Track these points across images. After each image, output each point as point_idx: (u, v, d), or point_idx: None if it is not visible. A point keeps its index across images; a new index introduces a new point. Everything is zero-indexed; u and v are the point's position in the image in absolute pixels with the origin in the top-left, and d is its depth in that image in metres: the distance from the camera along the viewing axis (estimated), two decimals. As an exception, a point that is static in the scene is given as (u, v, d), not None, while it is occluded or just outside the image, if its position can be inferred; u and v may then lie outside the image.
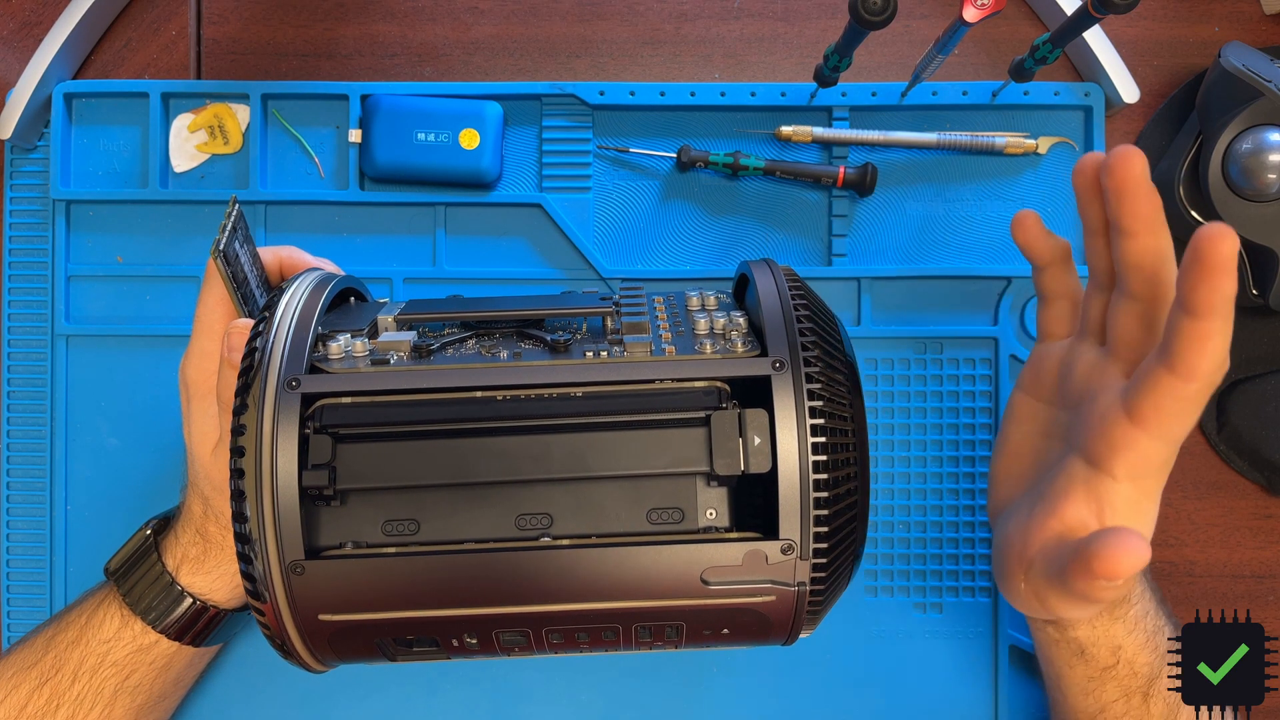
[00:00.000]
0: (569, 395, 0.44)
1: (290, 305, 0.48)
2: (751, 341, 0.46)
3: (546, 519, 0.44)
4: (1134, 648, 0.53)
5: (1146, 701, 0.54)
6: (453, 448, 0.44)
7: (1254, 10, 0.68)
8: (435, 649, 0.46)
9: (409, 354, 0.47)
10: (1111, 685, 0.54)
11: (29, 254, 0.68)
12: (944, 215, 0.67)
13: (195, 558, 0.56)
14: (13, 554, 0.67)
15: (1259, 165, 0.60)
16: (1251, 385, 0.66)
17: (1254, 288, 0.63)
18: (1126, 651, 0.53)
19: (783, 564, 0.43)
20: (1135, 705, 0.54)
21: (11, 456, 0.67)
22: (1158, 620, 0.54)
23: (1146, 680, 0.54)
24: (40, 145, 0.68)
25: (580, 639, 0.46)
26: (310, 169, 0.68)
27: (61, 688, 0.56)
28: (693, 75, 0.68)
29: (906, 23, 0.68)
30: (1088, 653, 0.54)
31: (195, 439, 0.54)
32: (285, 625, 0.45)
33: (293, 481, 0.43)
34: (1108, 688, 0.54)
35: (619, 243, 0.68)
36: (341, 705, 0.66)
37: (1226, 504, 0.68)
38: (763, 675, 0.66)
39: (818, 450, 0.43)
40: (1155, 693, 0.54)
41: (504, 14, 0.68)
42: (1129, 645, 0.53)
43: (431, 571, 0.43)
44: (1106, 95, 0.66)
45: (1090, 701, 0.55)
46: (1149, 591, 0.54)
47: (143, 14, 0.69)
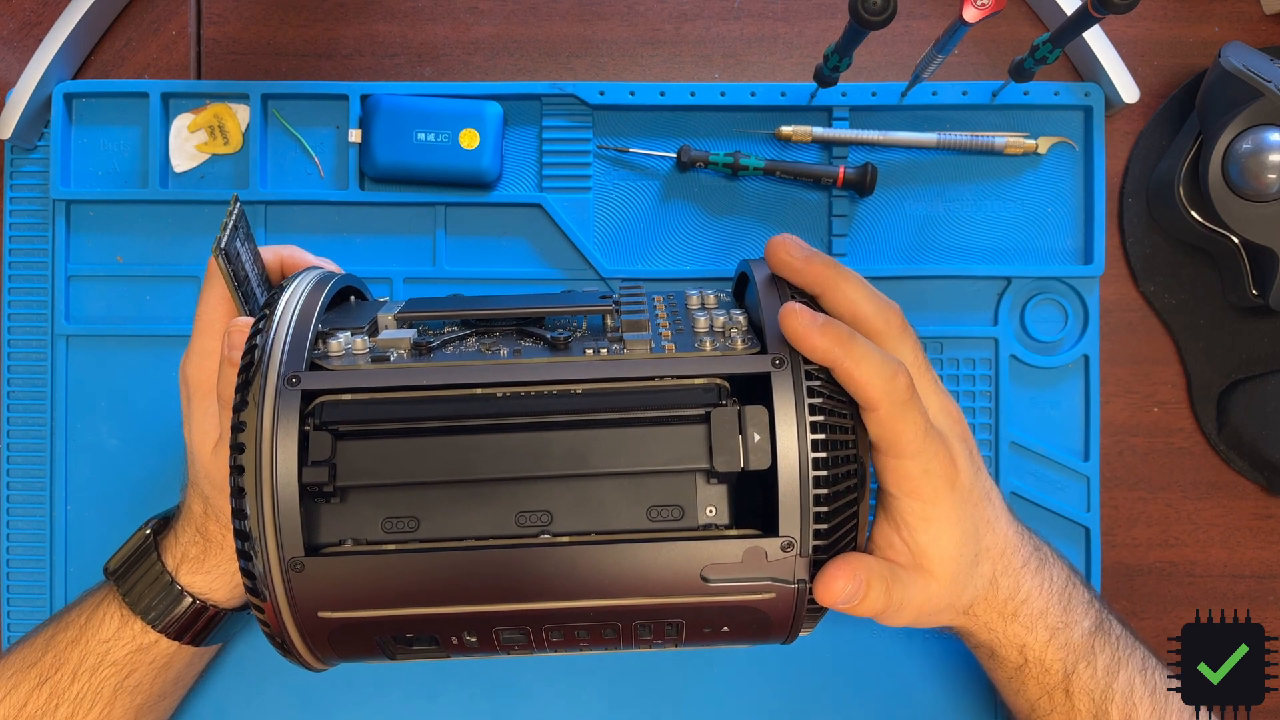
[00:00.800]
0: (569, 392, 0.44)
1: (290, 303, 0.48)
2: (751, 339, 0.46)
3: (546, 516, 0.44)
4: (1038, 645, 0.53)
5: (1070, 698, 0.54)
6: (453, 445, 0.44)
7: (1254, 10, 0.68)
8: (435, 647, 0.46)
9: (409, 351, 0.47)
10: (1031, 684, 0.55)
11: (29, 254, 0.68)
12: (944, 215, 0.67)
13: (195, 557, 0.56)
14: (13, 554, 0.67)
15: (1259, 165, 0.60)
16: (1251, 385, 0.66)
17: (1254, 288, 0.63)
18: (1032, 650, 0.53)
19: (782, 561, 0.43)
20: (1060, 702, 0.54)
21: (11, 456, 0.67)
22: (1064, 616, 0.54)
23: (1063, 676, 0.54)
24: (40, 145, 0.68)
25: (580, 637, 0.46)
26: (310, 169, 0.68)
27: (61, 687, 0.56)
28: (693, 75, 0.68)
29: (906, 23, 0.68)
30: (997, 654, 0.54)
31: (195, 438, 0.54)
32: (285, 623, 0.45)
33: (292, 478, 0.42)
34: (1028, 686, 0.55)
35: (619, 243, 0.68)
36: (341, 705, 0.66)
37: (1226, 504, 0.68)
38: (763, 675, 0.66)
39: (817, 447, 0.43)
40: (1077, 689, 0.54)
41: (504, 14, 0.68)
42: (1032, 643, 0.53)
43: (431, 569, 0.43)
44: (1106, 95, 0.66)
45: (1021, 701, 0.56)
46: (1048, 586, 0.54)
47: (143, 14, 0.69)
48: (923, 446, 0.47)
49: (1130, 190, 0.67)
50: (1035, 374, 0.67)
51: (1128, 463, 0.67)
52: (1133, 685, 0.54)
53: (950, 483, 0.49)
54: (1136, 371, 0.68)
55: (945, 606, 0.51)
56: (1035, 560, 0.53)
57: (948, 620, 0.53)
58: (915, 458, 0.47)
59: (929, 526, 0.49)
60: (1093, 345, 0.66)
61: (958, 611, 0.52)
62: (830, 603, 0.45)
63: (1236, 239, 0.62)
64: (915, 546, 0.49)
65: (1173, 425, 0.68)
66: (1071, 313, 0.67)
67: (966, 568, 0.50)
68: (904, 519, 0.49)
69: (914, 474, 0.47)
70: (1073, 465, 0.66)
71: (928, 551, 0.49)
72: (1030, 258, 0.67)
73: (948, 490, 0.49)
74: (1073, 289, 0.67)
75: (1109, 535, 0.67)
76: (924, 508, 0.48)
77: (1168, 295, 0.67)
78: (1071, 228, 0.67)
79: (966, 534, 0.50)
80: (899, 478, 0.48)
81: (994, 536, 0.52)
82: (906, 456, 0.47)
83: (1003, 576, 0.52)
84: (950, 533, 0.49)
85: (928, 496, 0.48)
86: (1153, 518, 0.67)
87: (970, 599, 0.52)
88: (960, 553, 0.50)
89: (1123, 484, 0.67)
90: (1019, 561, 0.53)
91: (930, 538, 0.49)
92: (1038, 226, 0.67)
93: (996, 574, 0.52)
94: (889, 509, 0.49)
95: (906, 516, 0.49)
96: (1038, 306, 0.67)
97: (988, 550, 0.51)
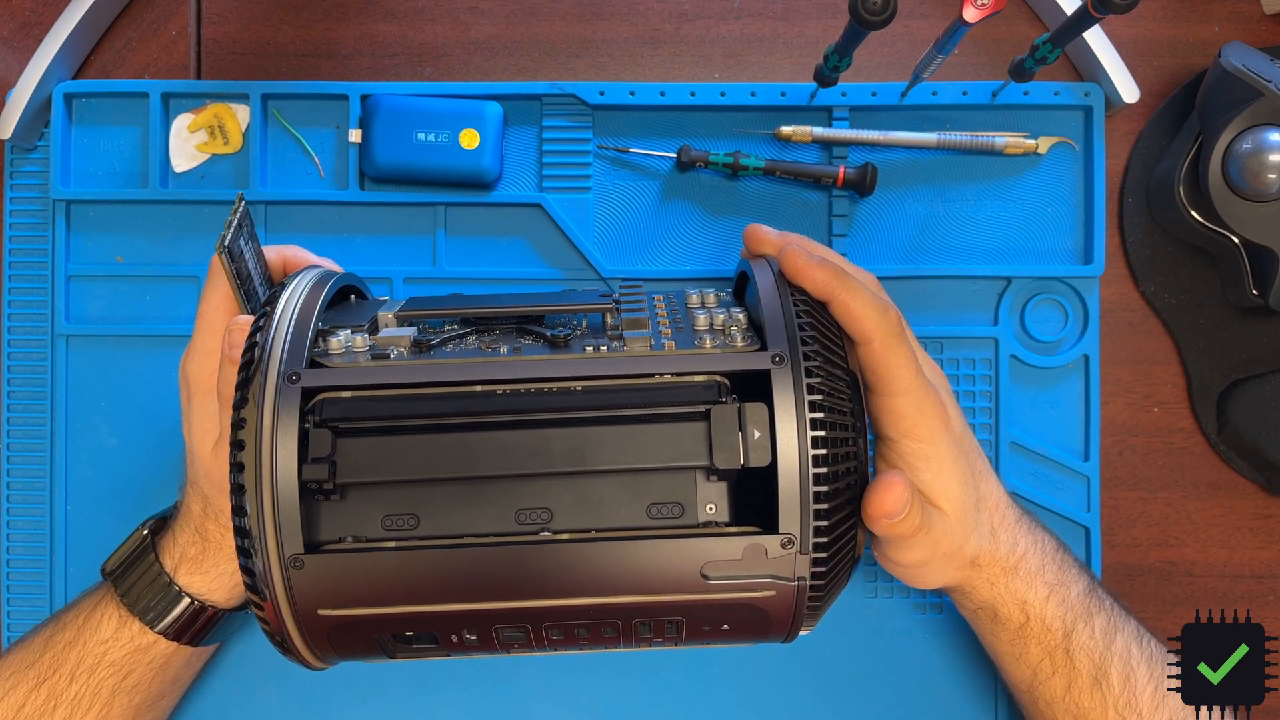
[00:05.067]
0: (568, 390, 0.44)
1: (290, 301, 0.48)
2: (751, 336, 0.46)
3: (546, 513, 0.44)
4: (1038, 601, 0.55)
5: (1070, 658, 0.55)
6: (452, 442, 0.44)
7: (1254, 10, 0.68)
8: (434, 646, 0.46)
9: (409, 349, 0.47)
10: (1034, 645, 0.56)
11: (29, 254, 0.68)
12: (944, 215, 0.67)
13: (194, 557, 0.56)
14: (13, 554, 0.67)
15: (1259, 165, 0.60)
16: (1251, 385, 0.66)
17: (1254, 288, 0.63)
18: (1033, 606, 0.55)
19: (783, 558, 0.43)
20: (1061, 662, 0.55)
21: (11, 456, 0.67)
22: (1060, 575, 0.55)
23: (1063, 635, 0.55)
24: (40, 145, 0.68)
25: (580, 635, 0.46)
26: (310, 169, 0.68)
27: (59, 688, 0.56)
28: (693, 75, 0.68)
29: (906, 23, 0.68)
30: (1000, 615, 0.56)
31: (195, 436, 0.54)
32: (284, 621, 0.44)
33: (292, 475, 0.42)
34: (1030, 648, 0.56)
35: (619, 243, 0.68)
36: (341, 705, 0.66)
37: (1226, 504, 0.68)
38: (763, 674, 0.66)
39: (817, 444, 0.43)
40: (1077, 649, 0.55)
41: (504, 14, 0.68)
42: (1033, 599, 0.55)
43: (431, 566, 0.43)
44: (1106, 95, 0.66)
45: (1023, 668, 0.57)
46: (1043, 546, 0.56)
47: (143, 14, 0.69)
48: (916, 383, 0.49)
49: (1130, 190, 0.67)
50: (1035, 374, 0.67)
51: (1128, 463, 0.67)
52: (1130, 650, 0.55)
53: (944, 423, 0.51)
54: (1136, 371, 0.68)
55: (956, 549, 0.52)
56: (1027, 520, 0.56)
57: (954, 572, 0.54)
58: (909, 394, 0.49)
59: (930, 464, 0.50)
60: (1093, 345, 0.66)
61: (965, 561, 0.53)
62: (886, 512, 0.47)
63: (1236, 239, 0.62)
64: (921, 485, 0.50)
65: (1173, 425, 0.68)
66: (1071, 313, 0.67)
67: (971, 509, 0.52)
68: (905, 460, 0.51)
69: (909, 412, 0.50)
70: (1073, 465, 0.66)
71: (933, 488, 0.51)
72: (1030, 258, 0.67)
73: (943, 430, 0.51)
74: (1073, 289, 0.67)
75: (1109, 535, 0.67)
76: (922, 447, 0.50)
77: (1168, 295, 0.67)
78: (1071, 228, 0.67)
79: (965, 475, 0.51)
80: (896, 418, 0.50)
81: (989, 487, 0.54)
82: (900, 394, 0.49)
83: (1001, 529, 0.54)
84: (951, 470, 0.51)
85: (924, 436, 0.50)
86: (1153, 518, 0.67)
87: (975, 548, 0.53)
88: (963, 491, 0.51)
89: (1123, 484, 0.67)
90: (1014, 516, 0.55)
91: (933, 474, 0.51)
92: (1038, 226, 0.67)
93: (995, 526, 0.53)
94: (889, 455, 0.51)
95: (908, 457, 0.51)
96: (1038, 306, 0.67)
97: (985, 499, 0.53)
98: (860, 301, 0.48)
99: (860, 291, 0.48)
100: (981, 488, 0.53)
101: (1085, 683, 0.55)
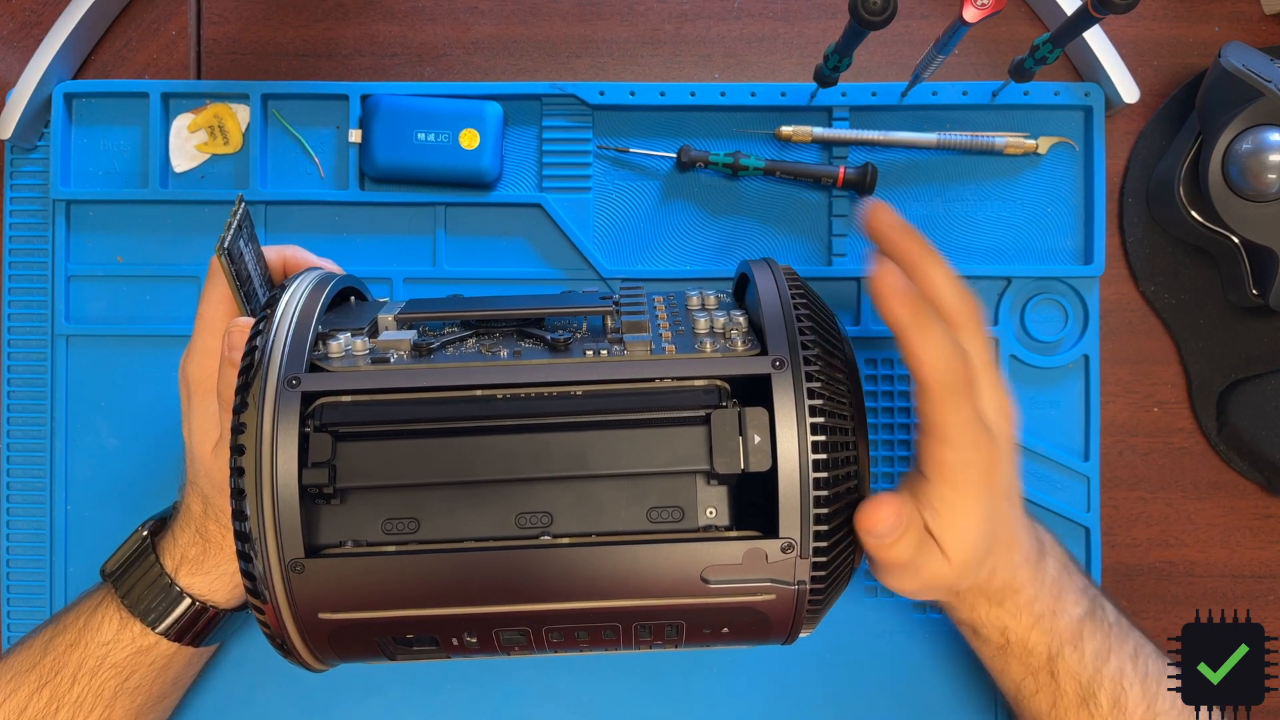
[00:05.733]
0: (569, 394, 0.44)
1: (290, 304, 0.48)
2: (752, 340, 0.46)
3: (546, 517, 0.44)
4: (1021, 629, 0.54)
5: (1055, 680, 0.55)
6: (453, 446, 0.44)
7: (1254, 10, 0.68)
8: (435, 648, 0.46)
9: (409, 352, 0.47)
10: (1014, 664, 0.56)
11: (29, 254, 0.68)
12: (944, 215, 0.67)
13: (194, 558, 0.56)
14: (13, 554, 0.67)
15: (1259, 165, 0.60)
16: (1251, 385, 0.66)
17: (1254, 288, 0.63)
18: (1014, 633, 0.54)
19: (783, 562, 0.43)
20: (1045, 682, 0.55)
21: (11, 456, 0.67)
22: (1054, 604, 0.54)
23: (1047, 659, 0.54)
24: (40, 145, 0.68)
25: (580, 638, 0.46)
26: (310, 169, 0.68)
27: (61, 690, 0.56)
28: (693, 75, 0.68)
29: (906, 23, 0.68)
30: (980, 634, 0.56)
31: (195, 437, 0.54)
32: (285, 624, 0.45)
33: (293, 480, 0.43)
34: (1012, 666, 0.56)
35: (619, 243, 0.68)
36: (341, 705, 0.66)
37: (1226, 504, 0.68)
38: (763, 675, 0.66)
39: (818, 449, 0.43)
40: (1062, 672, 0.54)
41: (504, 14, 0.68)
42: (1015, 627, 0.54)
43: (431, 570, 0.43)
44: (1106, 95, 0.66)
45: (1007, 680, 0.57)
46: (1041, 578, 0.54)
47: (143, 14, 0.69)
48: (966, 439, 0.47)
49: (1130, 190, 0.67)
50: (1035, 374, 0.67)
51: (1128, 463, 0.67)
52: (1123, 671, 0.54)
53: (986, 481, 0.48)
54: (1136, 371, 0.68)
55: (945, 588, 0.52)
56: (1034, 554, 0.54)
57: (938, 597, 0.54)
58: (956, 448, 0.47)
59: (954, 513, 0.48)
60: (1093, 345, 0.66)
61: (952, 593, 0.53)
62: (868, 527, 0.46)
63: (1236, 239, 0.62)
64: (936, 530, 0.49)
65: (1173, 425, 0.68)
66: (1071, 313, 0.67)
67: (978, 561, 0.50)
68: (931, 502, 0.48)
69: (952, 463, 0.47)
70: (1073, 465, 0.66)
71: (947, 536, 0.49)
72: (1030, 258, 0.67)
73: (982, 488, 0.48)
74: (1073, 289, 0.67)
75: (1109, 535, 0.67)
76: (954, 497, 0.48)
77: (1168, 295, 0.67)
78: (1071, 228, 0.67)
79: (985, 531, 0.49)
80: (936, 462, 0.48)
81: (1007, 534, 0.52)
82: (948, 444, 0.47)
83: (1001, 569, 0.52)
84: (973, 525, 0.49)
85: (961, 488, 0.48)
86: (1153, 518, 0.68)
87: (968, 585, 0.52)
88: (977, 545, 0.50)
89: (1123, 484, 0.67)
90: (1019, 557, 0.53)
91: (951, 523, 0.48)
92: (1038, 226, 0.67)
93: (996, 566, 0.52)
94: (917, 489, 0.49)
95: (934, 501, 0.48)
96: (1038, 306, 0.67)
97: (997, 547, 0.52)
98: (928, 348, 0.46)
99: (930, 335, 0.46)
100: (1001, 536, 0.51)
101: (1071, 702, 0.55)
